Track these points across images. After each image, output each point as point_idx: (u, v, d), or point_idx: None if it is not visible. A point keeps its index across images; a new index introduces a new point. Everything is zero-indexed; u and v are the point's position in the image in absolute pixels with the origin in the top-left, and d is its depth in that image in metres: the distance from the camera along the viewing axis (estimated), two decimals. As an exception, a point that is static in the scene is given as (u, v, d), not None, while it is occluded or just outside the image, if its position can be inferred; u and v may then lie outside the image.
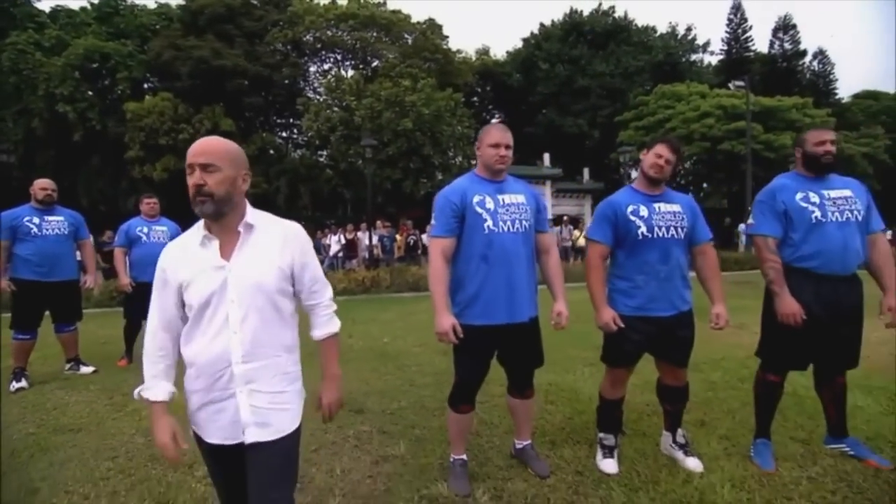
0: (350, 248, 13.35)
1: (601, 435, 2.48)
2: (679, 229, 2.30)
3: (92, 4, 23.92)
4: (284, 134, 28.88)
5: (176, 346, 1.41)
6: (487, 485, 2.29)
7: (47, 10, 23.93)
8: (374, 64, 24.99)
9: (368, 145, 13.61)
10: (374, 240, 13.14)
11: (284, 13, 24.26)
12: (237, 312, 1.32)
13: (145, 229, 4.57)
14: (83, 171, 21.91)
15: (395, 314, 7.19)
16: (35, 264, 3.92)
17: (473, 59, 31.61)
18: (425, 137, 18.93)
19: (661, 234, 2.26)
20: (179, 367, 1.42)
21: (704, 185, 26.00)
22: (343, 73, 25.35)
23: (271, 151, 24.93)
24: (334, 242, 13.34)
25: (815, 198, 2.33)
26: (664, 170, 2.30)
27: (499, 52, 34.68)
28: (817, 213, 2.30)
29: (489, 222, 2.16)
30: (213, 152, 1.33)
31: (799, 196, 2.34)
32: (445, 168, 19.71)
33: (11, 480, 2.41)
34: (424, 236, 14.06)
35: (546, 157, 24.75)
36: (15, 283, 3.91)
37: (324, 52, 26.47)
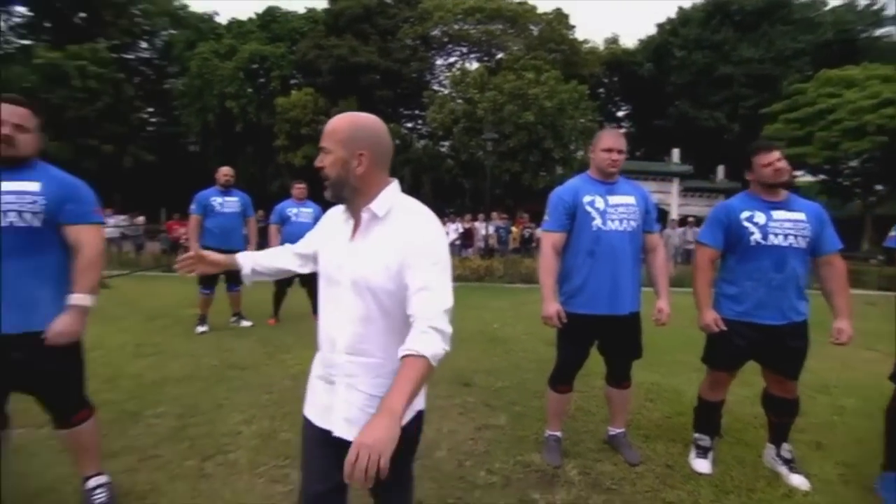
0: (467, 236, 13.86)
1: (696, 435, 2.52)
2: (800, 238, 2.23)
3: (257, 14, 27.37)
4: (410, 125, 30.55)
5: (291, 263, 1.50)
6: (577, 462, 2.48)
7: (224, 22, 27.89)
8: (499, 56, 25.24)
9: (489, 138, 13.96)
10: (491, 230, 13.50)
11: (415, 10, 25.51)
12: (347, 299, 1.24)
13: (294, 210, 5.37)
14: (241, 157, 25.37)
15: (506, 303, 7.45)
16: (216, 235, 4.89)
17: (601, 48, 30.33)
18: (547, 130, 18.78)
19: (776, 242, 2.22)
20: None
21: (878, 187, 22.00)
22: (468, 65, 26.03)
23: (397, 141, 26.56)
24: (452, 231, 13.95)
25: None
26: (782, 174, 2.24)
27: (628, 42, 32.84)
28: None
29: (598, 220, 2.33)
30: (327, 134, 1.26)
31: None
32: (566, 162, 19.36)
33: (205, 400, 3.15)
34: (539, 230, 14.11)
35: (675, 152, 23.03)
36: (203, 249, 4.94)
37: (450, 46, 27.39)
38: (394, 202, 1.26)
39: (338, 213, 1.36)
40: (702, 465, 2.43)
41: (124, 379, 3.49)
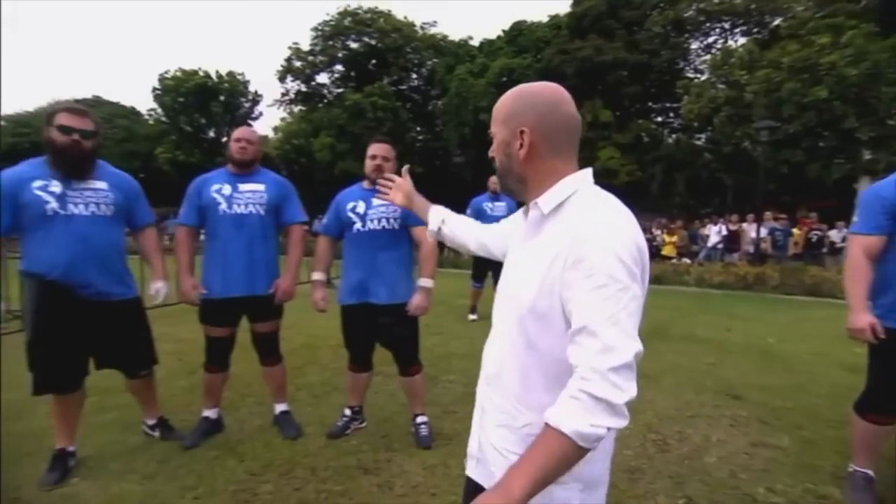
0: (732, 239, 12.19)
1: None
2: None
3: (504, 31, 29.52)
4: (660, 119, 28.36)
5: (462, 242, 1.35)
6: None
7: (477, 43, 31.00)
8: (775, 23, 21.16)
9: (765, 127, 11.97)
10: (763, 232, 11.57)
11: (666, -7, 23.54)
12: (498, 315, 1.00)
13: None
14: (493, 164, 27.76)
15: (784, 316, 6.40)
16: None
17: None
18: (848, 107, 14.93)
19: None
20: None
21: None
22: (731, 43, 22.63)
23: (646, 139, 24.99)
24: (714, 233, 12.44)
25: None
26: None
27: None
28: None
29: None
30: (493, 115, 1.03)
31: None
32: (878, 143, 14.99)
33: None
34: (834, 232, 11.42)
35: None
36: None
37: (708, 25, 24.30)
38: (571, 196, 0.90)
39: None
40: None
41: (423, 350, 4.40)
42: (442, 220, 1.36)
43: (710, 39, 25.36)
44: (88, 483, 2.16)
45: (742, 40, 22.84)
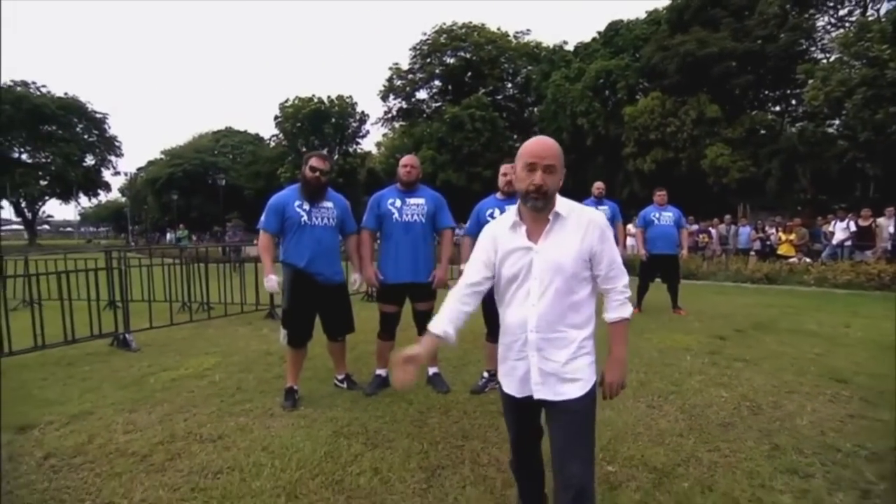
0: (864, 236, 11.15)
1: None
2: None
3: (599, 33, 29.12)
4: (777, 108, 26.12)
5: (476, 302, 1.60)
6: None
7: (572, 48, 30.89)
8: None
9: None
10: (906, 227, 10.50)
11: (782, -31, 21.76)
12: (538, 289, 1.49)
13: (657, 214, 6.17)
14: (592, 167, 27.43)
15: (917, 315, 6.06)
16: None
17: None
18: None
19: None
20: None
21: None
22: (869, 14, 20.31)
23: (762, 131, 23.23)
24: (839, 229, 11.43)
25: None
26: None
27: None
28: None
29: None
30: (555, 156, 1.48)
31: None
32: None
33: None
34: None
35: None
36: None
37: (839, -4, 22.00)
38: (564, 204, 1.54)
39: (498, 226, 1.60)
40: None
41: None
42: (446, 327, 1.54)
43: (843, 12, 22.98)
44: (311, 409, 3.11)
45: (887, 7, 20.43)
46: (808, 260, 10.71)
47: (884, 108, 15.39)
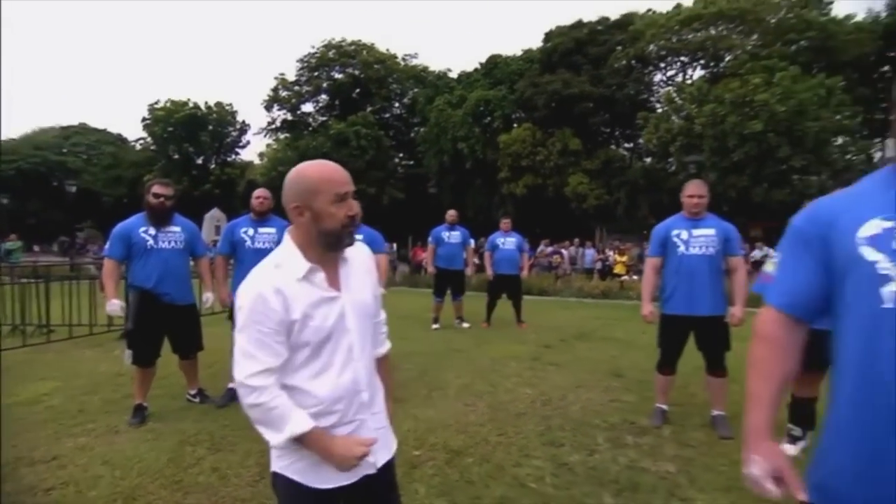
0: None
1: (789, 426, 3.06)
2: None
3: (481, 64, 31.39)
4: (629, 145, 30.24)
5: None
6: (674, 427, 3.31)
7: (455, 75, 32.81)
8: (729, 58, 23.29)
9: (693, 161, 13.65)
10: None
11: (626, 32, 25.60)
12: (358, 341, 1.27)
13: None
14: (470, 189, 29.21)
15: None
16: (445, 259, 6.88)
17: (884, 15, 24.90)
18: (781, 138, 16.78)
19: None
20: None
21: None
22: (693, 74, 24.79)
23: (616, 164, 26.73)
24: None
25: None
26: None
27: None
28: None
29: None
30: (350, 179, 1.26)
31: None
32: (806, 171, 16.85)
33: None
34: (756, 252, 12.95)
35: None
36: (436, 268, 7.00)
37: (670, 58, 26.47)
38: None
39: (279, 285, 1.17)
40: (790, 449, 2.98)
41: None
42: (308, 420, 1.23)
43: (671, 72, 27.59)
44: (160, 424, 3.29)
45: (701, 72, 24.97)
46: (636, 277, 12.76)
47: (692, 154, 18.80)
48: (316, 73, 34.55)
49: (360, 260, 1.34)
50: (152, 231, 3.33)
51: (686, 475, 2.64)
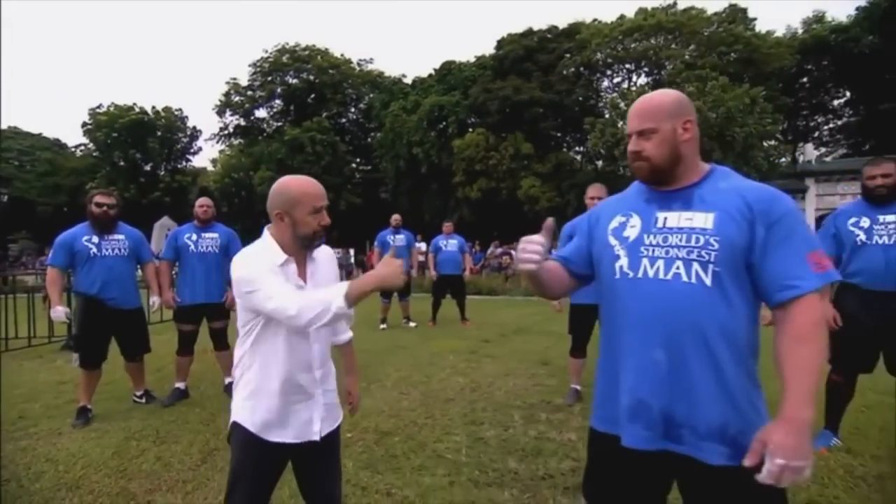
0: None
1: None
2: None
3: (435, 70, 31.87)
4: (580, 149, 31.40)
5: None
6: (584, 405, 3.74)
7: (410, 81, 33.15)
8: (670, 67, 24.71)
9: (626, 165, 14.46)
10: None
11: (574, 41, 26.71)
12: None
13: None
14: (426, 194, 29.59)
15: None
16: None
17: (800, 32, 27.19)
18: (713, 142, 18.01)
19: None
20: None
21: None
22: (638, 81, 26.11)
23: (566, 167, 27.73)
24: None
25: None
26: None
27: (839, 15, 28.37)
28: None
29: None
30: (325, 195, 1.51)
31: None
32: (736, 172, 18.16)
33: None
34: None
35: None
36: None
37: (616, 66, 27.78)
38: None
39: (270, 264, 1.43)
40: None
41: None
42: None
43: (618, 79, 28.94)
44: (105, 423, 3.44)
45: (645, 79, 26.34)
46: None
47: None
48: (269, 78, 34.09)
49: (325, 259, 1.61)
50: (95, 239, 3.49)
51: (584, 441, 3.04)
